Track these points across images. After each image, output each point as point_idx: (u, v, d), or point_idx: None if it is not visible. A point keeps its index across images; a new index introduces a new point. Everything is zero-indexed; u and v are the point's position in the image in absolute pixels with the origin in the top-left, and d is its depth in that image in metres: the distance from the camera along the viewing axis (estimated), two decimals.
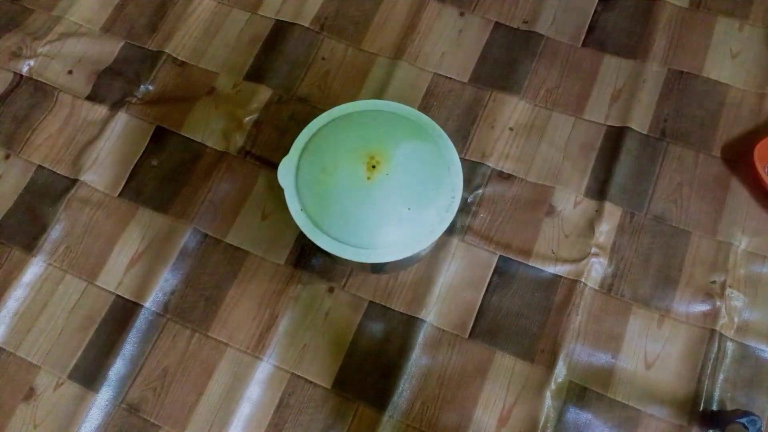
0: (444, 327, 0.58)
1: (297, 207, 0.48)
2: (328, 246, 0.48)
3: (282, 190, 0.49)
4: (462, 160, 0.51)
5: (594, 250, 0.59)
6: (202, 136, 0.65)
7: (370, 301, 0.59)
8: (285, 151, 0.50)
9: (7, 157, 0.66)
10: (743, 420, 0.50)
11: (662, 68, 0.66)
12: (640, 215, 0.61)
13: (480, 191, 0.62)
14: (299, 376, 0.57)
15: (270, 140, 0.65)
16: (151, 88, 0.68)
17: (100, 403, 0.56)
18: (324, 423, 0.55)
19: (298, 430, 0.55)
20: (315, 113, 0.52)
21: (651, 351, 0.56)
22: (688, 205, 0.61)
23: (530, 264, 0.59)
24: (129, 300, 0.60)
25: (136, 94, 0.68)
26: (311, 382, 0.56)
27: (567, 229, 0.60)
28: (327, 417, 0.55)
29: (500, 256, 0.60)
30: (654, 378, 0.55)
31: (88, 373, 0.57)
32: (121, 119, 0.66)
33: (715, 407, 0.54)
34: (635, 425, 0.54)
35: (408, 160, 0.47)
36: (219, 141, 0.65)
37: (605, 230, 0.60)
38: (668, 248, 0.59)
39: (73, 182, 0.64)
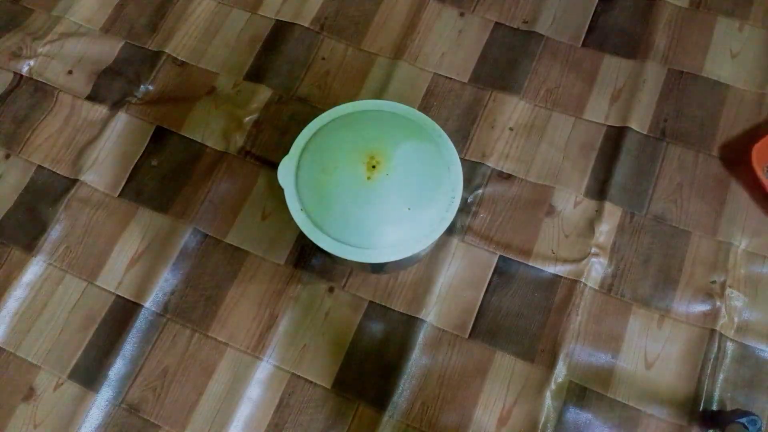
0: (444, 327, 0.58)
1: (297, 207, 0.48)
2: (328, 246, 0.48)
3: (282, 190, 0.49)
4: (462, 160, 0.51)
5: (594, 250, 0.59)
6: (202, 136, 0.65)
7: (370, 301, 0.59)
8: (285, 151, 0.50)
9: (7, 157, 0.66)
10: (743, 420, 0.50)
11: (662, 68, 0.66)
12: (640, 215, 0.61)
13: (480, 191, 0.62)
14: (299, 376, 0.57)
15: (270, 140, 0.65)
16: (151, 88, 0.68)
17: (100, 403, 0.56)
18: (324, 423, 0.55)
19: (298, 430, 0.55)
20: (315, 113, 0.52)
21: (651, 351, 0.56)
22: (688, 205, 0.61)
23: (530, 264, 0.59)
24: (129, 300, 0.60)
25: (136, 94, 0.68)
26: (311, 382, 0.56)
27: (567, 229, 0.60)
28: (327, 417, 0.55)
29: (500, 256, 0.60)
30: (654, 378, 0.55)
31: (88, 373, 0.57)
32: (121, 119, 0.66)
33: (715, 407, 0.54)
34: (635, 425, 0.54)
35: (408, 160, 0.47)
36: (219, 141, 0.65)
37: (605, 230, 0.60)
38: (668, 248, 0.59)
39: (73, 182, 0.64)
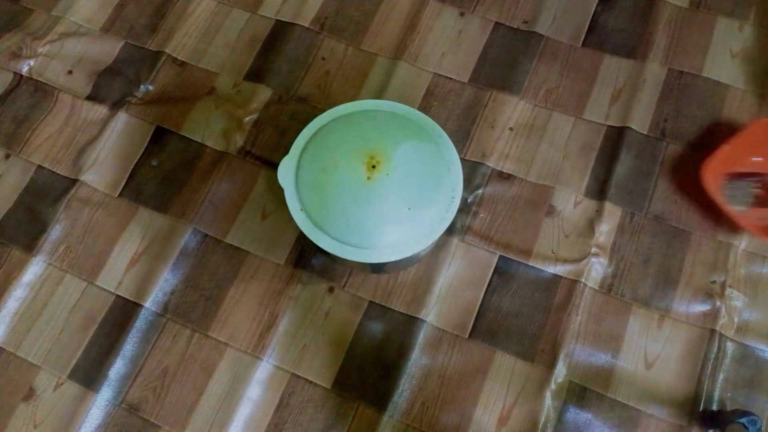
0: (444, 327, 0.58)
1: (297, 207, 0.48)
2: (328, 246, 0.47)
3: (282, 190, 0.49)
4: (462, 160, 0.51)
5: (594, 250, 0.59)
6: (202, 136, 0.65)
7: (370, 301, 0.59)
8: (285, 151, 0.50)
9: (7, 157, 0.66)
10: (743, 420, 0.50)
11: (662, 68, 0.66)
12: (640, 215, 0.60)
13: (480, 191, 0.62)
14: (299, 376, 0.57)
15: (270, 140, 0.65)
16: (151, 88, 0.68)
17: (100, 403, 0.56)
18: (324, 423, 0.55)
19: (298, 430, 0.55)
20: (315, 113, 0.52)
21: (651, 351, 0.56)
22: (689, 205, 0.60)
23: (530, 264, 0.59)
24: (129, 300, 0.60)
25: (136, 94, 0.68)
26: (311, 382, 0.56)
27: (567, 229, 0.60)
28: (327, 417, 0.55)
29: (500, 256, 0.60)
30: (654, 378, 0.55)
31: (88, 373, 0.57)
32: (121, 119, 0.66)
33: (715, 407, 0.54)
34: (635, 425, 0.54)
35: (408, 160, 0.47)
36: (219, 141, 0.65)
37: (605, 230, 0.60)
38: (668, 248, 0.59)
39: (73, 182, 0.64)
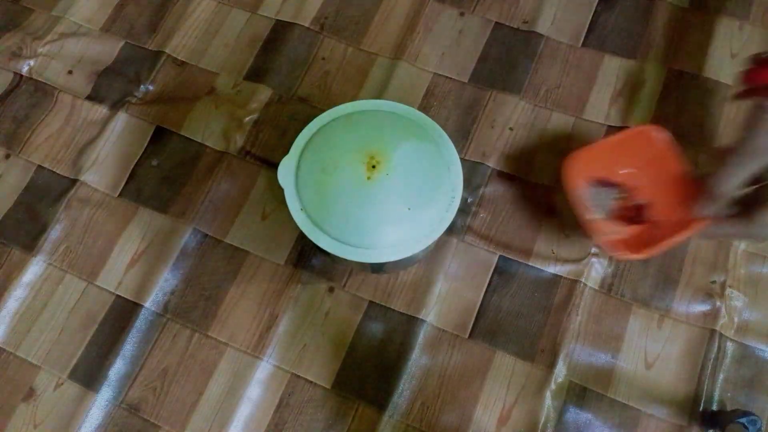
0: (444, 327, 0.58)
1: (297, 207, 0.48)
2: (328, 246, 0.47)
3: (282, 190, 0.49)
4: (462, 160, 0.51)
5: (594, 250, 0.59)
6: (202, 136, 0.65)
7: (370, 301, 0.59)
8: (285, 151, 0.50)
9: (7, 157, 0.66)
10: (743, 420, 0.50)
11: (662, 68, 0.66)
12: None
13: (480, 191, 0.62)
14: (299, 376, 0.57)
15: (270, 140, 0.65)
16: (151, 88, 0.68)
17: (100, 403, 0.56)
18: (324, 423, 0.55)
19: (298, 430, 0.55)
20: (315, 113, 0.52)
21: (651, 351, 0.56)
22: None
23: (530, 264, 0.59)
24: (129, 300, 0.60)
25: (136, 94, 0.68)
26: (311, 382, 0.56)
27: (567, 229, 0.60)
28: (327, 417, 0.55)
29: (500, 256, 0.60)
30: (654, 378, 0.55)
31: (88, 373, 0.57)
32: (121, 119, 0.66)
33: (715, 407, 0.54)
34: (635, 425, 0.54)
35: (408, 160, 0.47)
36: (219, 141, 0.65)
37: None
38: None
39: (73, 182, 0.64)
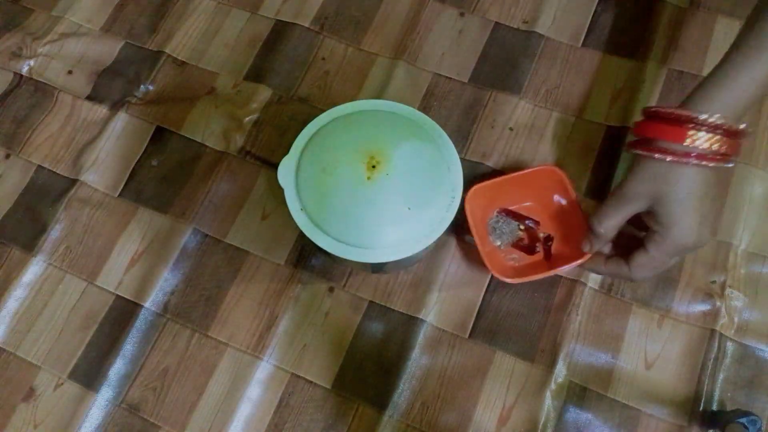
0: (444, 327, 0.58)
1: (297, 207, 0.48)
2: (329, 246, 0.48)
3: (282, 190, 0.49)
4: (462, 160, 0.51)
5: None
6: (202, 136, 0.65)
7: (370, 301, 0.59)
8: (285, 151, 0.50)
9: (7, 157, 0.66)
10: (743, 420, 0.50)
11: (662, 68, 0.66)
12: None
13: None
14: (299, 376, 0.57)
15: (270, 140, 0.65)
16: (151, 88, 0.68)
17: (100, 403, 0.56)
18: (324, 423, 0.55)
19: (298, 430, 0.55)
20: (315, 113, 0.52)
21: (651, 351, 0.56)
22: None
23: None
24: (129, 300, 0.60)
25: (136, 94, 0.68)
26: (311, 382, 0.56)
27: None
28: (327, 417, 0.55)
29: None
30: (654, 378, 0.55)
31: (88, 373, 0.57)
32: (121, 119, 0.66)
33: (715, 407, 0.54)
34: (635, 425, 0.54)
35: (408, 160, 0.47)
36: (219, 141, 0.65)
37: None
38: None
39: (73, 182, 0.64)
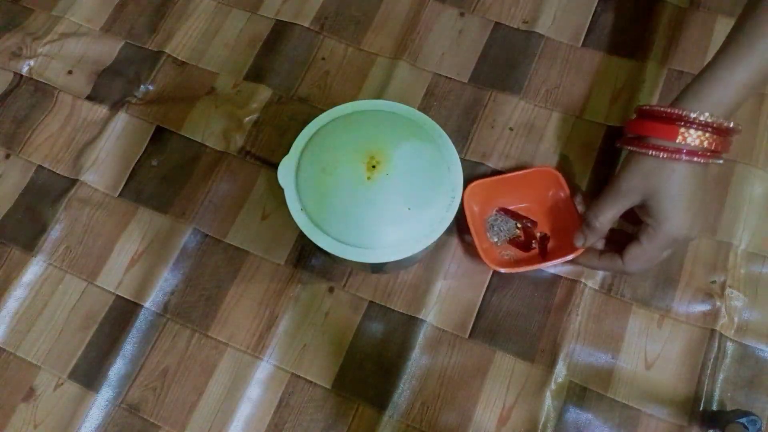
0: (444, 327, 0.58)
1: (297, 207, 0.48)
2: (329, 246, 0.48)
3: (282, 190, 0.49)
4: (462, 160, 0.51)
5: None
6: (202, 136, 0.65)
7: (370, 301, 0.59)
8: (285, 151, 0.50)
9: (7, 157, 0.66)
10: (743, 420, 0.50)
11: (662, 68, 0.66)
12: None
13: None
14: (299, 376, 0.57)
15: (270, 140, 0.65)
16: (151, 88, 0.68)
17: (100, 403, 0.56)
18: (324, 423, 0.55)
19: (298, 430, 0.55)
20: (315, 113, 0.52)
21: (651, 351, 0.56)
22: None
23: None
24: (129, 300, 0.60)
25: (136, 94, 0.68)
26: (311, 382, 0.56)
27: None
28: (327, 417, 0.55)
29: None
30: (654, 378, 0.55)
31: (88, 373, 0.57)
32: (121, 119, 0.66)
33: (715, 407, 0.54)
34: (635, 425, 0.54)
35: (408, 160, 0.47)
36: (219, 141, 0.65)
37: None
38: None
39: (73, 182, 0.64)
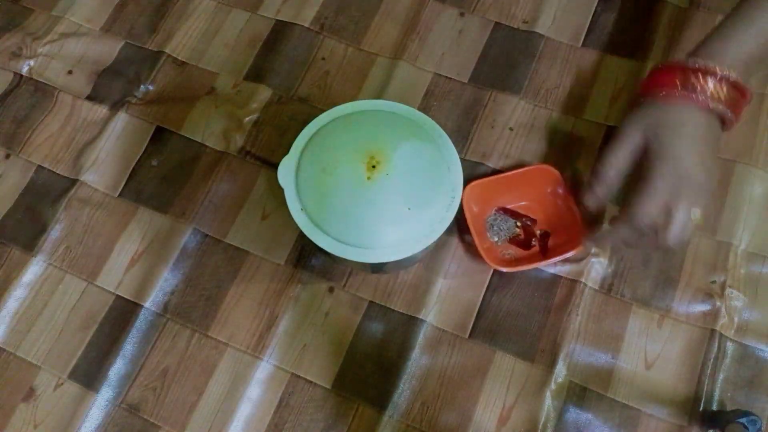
0: (444, 327, 0.58)
1: (297, 207, 0.48)
2: (329, 246, 0.48)
3: (282, 190, 0.49)
4: (462, 160, 0.51)
5: (594, 250, 0.59)
6: (202, 136, 0.65)
7: (370, 301, 0.59)
8: (285, 151, 0.50)
9: (7, 157, 0.66)
10: (743, 420, 0.50)
11: None
12: None
13: None
14: (299, 376, 0.57)
15: (270, 140, 0.65)
16: (151, 88, 0.68)
17: (100, 403, 0.56)
18: (324, 423, 0.55)
19: (298, 430, 0.55)
20: (315, 113, 0.52)
21: (651, 351, 0.56)
22: None
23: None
24: (129, 300, 0.60)
25: (136, 94, 0.68)
26: (311, 382, 0.56)
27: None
28: (327, 417, 0.55)
29: None
30: (654, 378, 0.55)
31: (88, 373, 0.57)
32: (121, 119, 0.66)
33: (715, 407, 0.54)
34: (635, 425, 0.54)
35: (408, 160, 0.47)
36: (219, 141, 0.65)
37: (606, 230, 0.60)
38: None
39: (73, 182, 0.64)
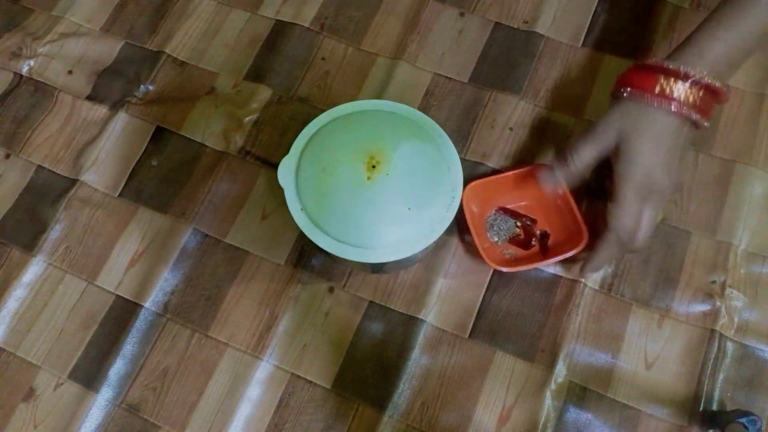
0: (444, 327, 0.58)
1: (297, 207, 0.48)
2: (329, 246, 0.48)
3: (282, 190, 0.49)
4: (462, 160, 0.51)
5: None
6: (202, 136, 0.65)
7: (370, 301, 0.59)
8: (285, 151, 0.50)
9: (7, 157, 0.66)
10: (743, 420, 0.50)
11: None
12: None
13: None
14: (299, 376, 0.57)
15: (270, 140, 0.65)
16: (151, 88, 0.68)
17: (100, 403, 0.56)
18: (324, 423, 0.55)
19: (298, 430, 0.55)
20: (315, 113, 0.52)
21: (651, 351, 0.56)
22: (689, 205, 0.60)
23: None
24: (129, 300, 0.60)
25: (136, 94, 0.68)
26: (311, 382, 0.56)
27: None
28: (327, 417, 0.55)
29: None
30: (654, 378, 0.55)
31: (88, 373, 0.57)
32: (121, 119, 0.66)
33: (715, 407, 0.54)
34: (635, 425, 0.54)
35: (408, 160, 0.47)
36: (219, 141, 0.65)
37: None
38: (668, 248, 0.59)
39: (73, 182, 0.64)
